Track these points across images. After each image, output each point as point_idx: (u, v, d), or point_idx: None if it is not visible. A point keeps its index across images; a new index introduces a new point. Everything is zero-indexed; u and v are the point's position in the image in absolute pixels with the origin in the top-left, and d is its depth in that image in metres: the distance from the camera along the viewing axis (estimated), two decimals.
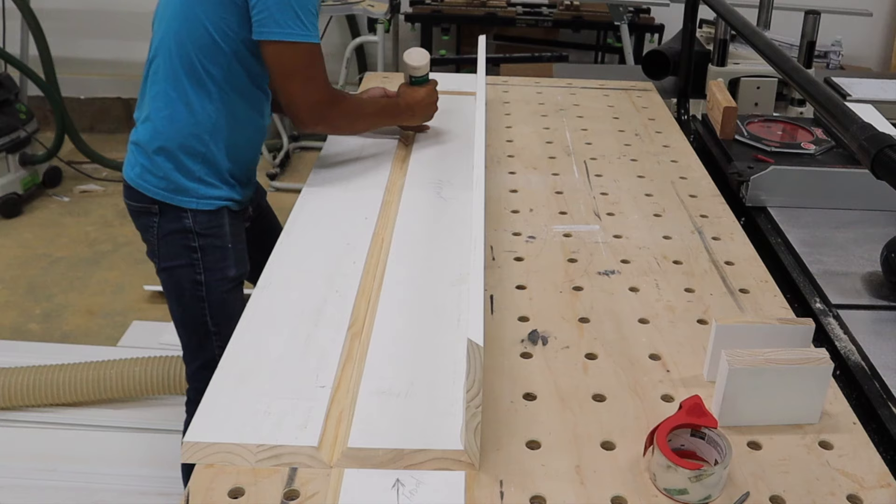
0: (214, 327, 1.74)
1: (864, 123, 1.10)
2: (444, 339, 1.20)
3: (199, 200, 1.67)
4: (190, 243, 1.69)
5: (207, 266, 1.70)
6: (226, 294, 1.74)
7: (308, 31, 1.56)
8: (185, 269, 1.71)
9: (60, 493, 2.22)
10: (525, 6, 4.50)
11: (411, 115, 1.86)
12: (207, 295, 1.71)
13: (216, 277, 1.71)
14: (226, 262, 1.72)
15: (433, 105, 1.90)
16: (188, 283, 1.71)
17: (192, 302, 1.73)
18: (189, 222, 1.67)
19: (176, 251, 1.70)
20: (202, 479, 0.95)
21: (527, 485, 0.95)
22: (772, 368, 1.02)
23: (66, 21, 4.70)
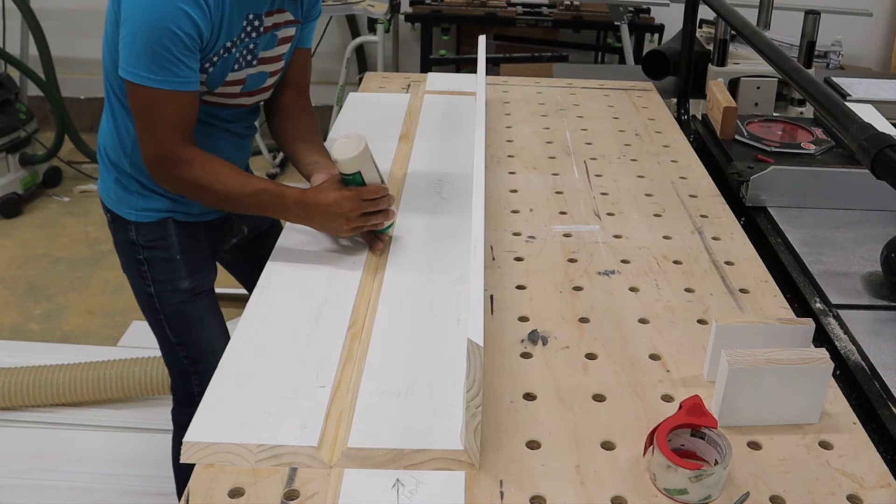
0: (176, 338, 1.70)
1: (864, 123, 1.10)
2: (444, 339, 1.20)
3: (138, 213, 1.61)
4: (136, 255, 1.64)
5: (156, 278, 1.65)
6: (181, 306, 1.67)
7: (151, 76, 1.36)
8: (137, 280, 1.67)
9: (60, 493, 2.22)
10: (525, 6, 4.50)
11: (309, 217, 1.41)
12: (161, 307, 1.67)
13: (166, 289, 1.65)
14: (175, 273, 1.64)
15: (343, 221, 1.38)
16: (142, 294, 1.68)
17: (149, 314, 1.70)
18: (133, 234, 1.62)
19: (127, 262, 1.67)
20: (202, 479, 0.95)
21: (527, 485, 0.95)
22: (772, 368, 1.02)
23: (66, 21, 4.70)
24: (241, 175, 1.46)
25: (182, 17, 1.33)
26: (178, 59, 1.36)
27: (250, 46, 1.50)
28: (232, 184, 1.44)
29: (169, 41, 1.34)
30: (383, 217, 1.42)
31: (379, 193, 1.39)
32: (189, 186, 1.46)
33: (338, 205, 1.37)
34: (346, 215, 1.37)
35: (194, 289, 1.67)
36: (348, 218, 1.38)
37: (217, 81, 1.49)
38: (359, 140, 1.37)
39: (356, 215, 1.38)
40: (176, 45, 1.34)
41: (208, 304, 1.72)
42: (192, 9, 1.34)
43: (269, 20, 1.51)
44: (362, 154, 1.36)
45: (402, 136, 1.95)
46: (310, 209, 1.39)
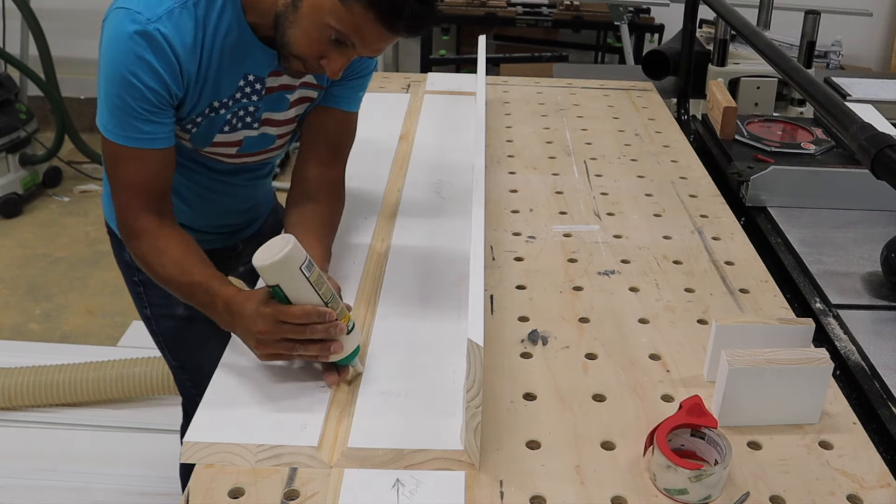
0: (175, 361, 1.67)
1: (864, 123, 1.10)
2: (444, 339, 1.20)
3: None
4: (132, 277, 1.58)
5: (151, 301, 1.58)
6: (179, 330, 1.59)
7: (114, 130, 1.20)
8: (136, 300, 1.62)
9: (60, 493, 2.22)
10: (525, 6, 4.50)
11: (229, 325, 1.17)
12: (158, 330, 1.62)
13: (162, 314, 1.59)
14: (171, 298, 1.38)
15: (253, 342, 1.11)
16: (141, 315, 1.63)
17: (150, 333, 1.65)
18: (128, 256, 1.48)
19: (127, 281, 1.62)
20: (202, 479, 0.95)
21: (527, 485, 0.95)
22: (772, 368, 1.02)
23: (66, 21, 4.69)
24: (186, 262, 1.24)
25: (142, 68, 1.16)
26: (140, 114, 1.19)
27: (250, 109, 1.33)
28: (171, 270, 1.24)
29: (127, 93, 1.17)
30: (318, 349, 1.08)
31: (303, 319, 1.07)
32: (139, 261, 1.30)
33: (251, 321, 1.10)
34: (257, 336, 1.09)
35: (190, 315, 1.48)
36: (259, 340, 1.09)
37: (202, 141, 1.35)
38: (284, 244, 1.05)
39: (271, 339, 1.08)
40: (136, 98, 1.18)
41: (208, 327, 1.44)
42: (155, 59, 1.17)
43: (274, 81, 1.32)
44: (279, 265, 1.04)
45: (402, 136, 1.95)
46: (233, 317, 1.14)
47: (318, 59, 1.20)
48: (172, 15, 1.18)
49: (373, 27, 1.13)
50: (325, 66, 1.20)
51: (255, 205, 1.64)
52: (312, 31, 1.16)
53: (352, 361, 1.11)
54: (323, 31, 1.15)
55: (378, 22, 1.12)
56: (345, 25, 1.13)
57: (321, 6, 1.13)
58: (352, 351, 1.10)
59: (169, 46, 1.18)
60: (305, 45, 1.18)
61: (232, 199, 1.55)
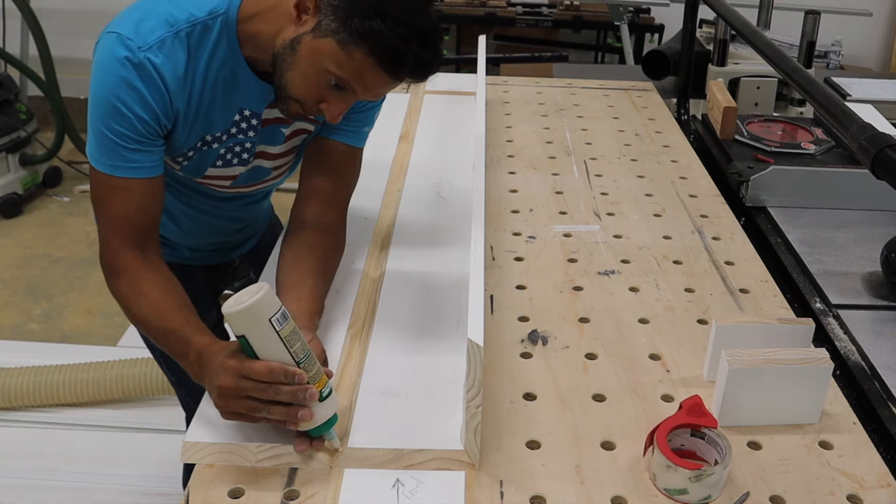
0: (174, 377, 1.65)
1: (864, 123, 1.10)
2: (444, 339, 1.20)
3: None
4: None
5: None
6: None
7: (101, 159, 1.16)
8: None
9: (60, 493, 2.22)
10: (525, 6, 4.50)
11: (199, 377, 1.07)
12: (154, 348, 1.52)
13: None
14: None
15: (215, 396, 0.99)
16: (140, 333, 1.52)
17: (149, 349, 1.62)
18: None
19: None
20: (202, 479, 0.95)
21: (527, 485, 0.95)
22: (772, 368, 1.02)
23: (66, 21, 4.69)
24: (164, 305, 1.15)
25: (130, 95, 1.12)
26: (127, 142, 1.15)
27: (246, 145, 1.29)
28: (147, 313, 1.16)
29: (114, 121, 1.13)
30: (282, 414, 0.96)
31: (267, 377, 0.95)
32: (118, 300, 1.22)
33: (214, 374, 0.99)
34: (218, 391, 0.98)
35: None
36: (220, 395, 0.98)
37: (195, 173, 1.31)
38: (256, 291, 0.94)
39: (233, 396, 0.97)
40: (123, 125, 1.13)
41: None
42: (144, 87, 1.13)
43: (269, 113, 1.28)
44: (248, 311, 0.93)
45: (402, 136, 1.95)
46: (202, 368, 1.04)
47: (316, 102, 1.15)
48: (164, 45, 1.13)
49: (374, 73, 1.09)
50: (325, 111, 1.16)
51: (250, 224, 1.60)
52: (311, 75, 1.11)
53: (325, 432, 0.97)
54: (322, 76, 1.11)
55: (380, 68, 1.07)
56: (345, 71, 1.09)
57: (320, 50, 1.09)
58: (325, 421, 0.97)
59: (159, 77, 1.13)
60: (304, 89, 1.14)
61: (226, 222, 1.51)
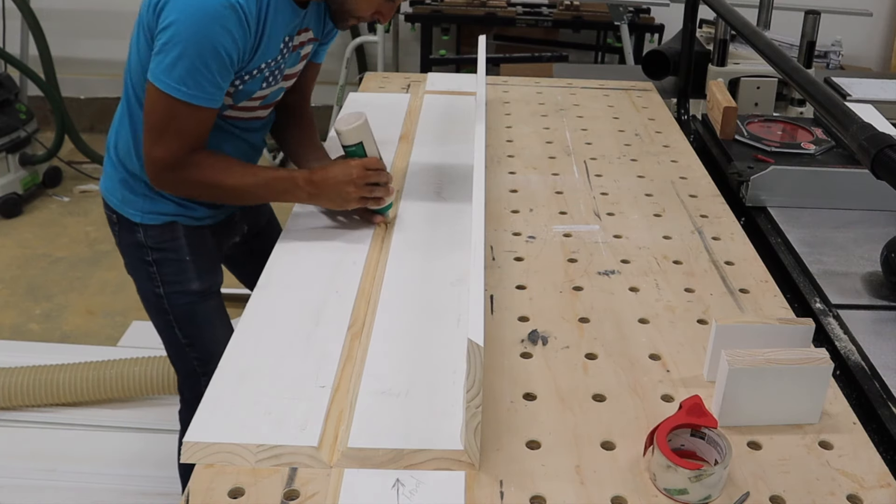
0: (186, 339, 1.70)
1: (864, 123, 1.10)
2: (444, 339, 1.20)
3: (143, 214, 1.61)
4: (145, 257, 1.64)
5: (165, 279, 1.65)
6: (191, 307, 1.67)
7: (182, 88, 1.36)
8: (145, 282, 1.66)
9: (60, 493, 2.22)
10: (525, 6, 4.50)
11: (318, 196, 1.49)
12: (171, 308, 1.67)
13: (175, 290, 1.65)
14: (185, 275, 1.65)
15: (352, 188, 1.45)
16: (151, 294, 1.67)
17: (158, 314, 1.69)
18: (141, 236, 1.62)
19: (134, 263, 1.67)
20: (202, 479, 0.95)
21: (527, 485, 0.95)
22: (772, 368, 1.02)
23: (66, 21, 4.70)
24: (251, 167, 1.52)
25: (228, 39, 1.34)
26: (214, 77, 1.37)
27: (281, 66, 1.53)
28: (244, 178, 1.48)
29: (211, 60, 1.35)
30: (384, 191, 1.48)
31: (380, 165, 1.49)
32: (198, 187, 1.50)
33: (344, 173, 1.45)
34: (354, 181, 1.44)
35: (204, 290, 1.68)
36: (356, 184, 1.44)
37: (242, 98, 1.52)
38: (360, 115, 1.49)
39: (362, 182, 1.45)
40: (216, 64, 1.36)
41: (216, 305, 1.72)
42: (236, 30, 1.35)
43: (297, 39, 1.54)
44: (363, 126, 1.48)
45: (402, 136, 1.95)
46: (319, 185, 1.46)
47: (373, 15, 1.49)
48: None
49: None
50: (380, 18, 1.49)
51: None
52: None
53: (389, 210, 1.52)
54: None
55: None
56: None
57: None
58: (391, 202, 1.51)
59: (245, 17, 1.35)
60: (365, 8, 1.47)
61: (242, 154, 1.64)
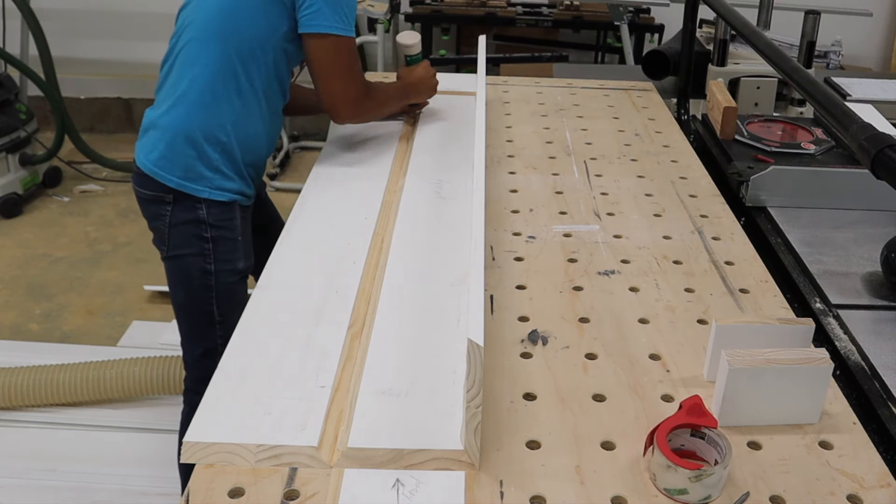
0: (220, 316, 1.77)
1: (864, 123, 1.10)
2: (444, 339, 1.20)
3: (211, 191, 1.70)
4: (203, 234, 1.72)
5: (218, 257, 1.73)
6: (234, 286, 1.78)
7: (350, 28, 1.66)
8: (196, 258, 1.73)
9: (60, 493, 2.22)
10: (525, 6, 4.50)
11: (417, 92, 1.96)
12: (216, 285, 1.75)
13: (226, 269, 1.75)
14: (236, 254, 1.76)
15: (433, 79, 1.99)
16: (197, 271, 1.74)
17: (199, 290, 1.76)
18: (203, 213, 1.70)
19: (187, 240, 1.73)
20: (202, 479, 0.95)
21: (527, 485, 0.95)
22: (772, 368, 1.02)
23: (66, 21, 4.70)
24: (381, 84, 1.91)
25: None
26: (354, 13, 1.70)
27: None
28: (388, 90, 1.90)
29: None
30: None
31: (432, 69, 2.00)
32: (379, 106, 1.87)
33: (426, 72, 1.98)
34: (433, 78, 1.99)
35: (246, 269, 1.79)
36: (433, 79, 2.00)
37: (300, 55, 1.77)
38: (412, 32, 2.06)
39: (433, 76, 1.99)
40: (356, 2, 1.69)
41: (246, 287, 1.81)
42: None
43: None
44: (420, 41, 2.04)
45: (402, 136, 1.95)
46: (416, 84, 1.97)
47: None
48: None
49: None
50: None
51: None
52: None
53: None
54: None
55: None
56: None
57: None
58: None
59: None
60: None
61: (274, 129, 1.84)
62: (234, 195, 1.74)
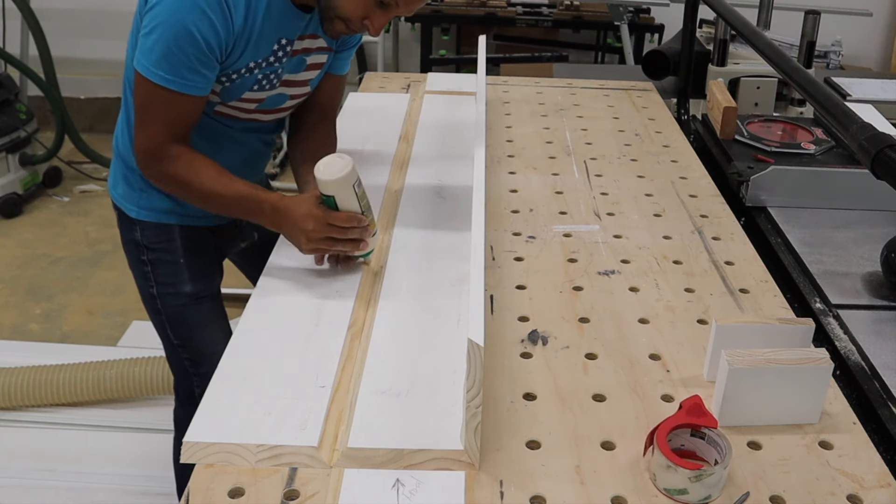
0: (177, 340, 1.70)
1: (864, 123, 1.10)
2: (444, 339, 1.20)
3: (139, 210, 1.60)
4: (140, 256, 1.64)
5: (158, 280, 1.65)
6: (183, 309, 1.66)
7: (160, 73, 1.33)
8: (141, 280, 1.67)
9: (60, 493, 2.22)
10: (525, 6, 4.50)
11: (275, 225, 1.39)
12: (163, 308, 1.66)
13: (168, 292, 1.65)
14: (178, 277, 1.64)
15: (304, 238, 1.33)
16: (145, 294, 1.68)
17: (152, 314, 1.70)
18: (138, 234, 1.62)
19: (133, 261, 1.67)
20: (202, 479, 0.95)
21: (527, 485, 0.95)
22: (772, 368, 1.02)
23: (66, 21, 4.70)
24: (224, 177, 1.41)
25: (204, 22, 1.30)
26: (192, 64, 1.33)
27: (277, 70, 1.46)
28: (213, 184, 1.40)
29: (187, 43, 1.31)
30: (351, 246, 1.34)
31: (348, 223, 1.32)
32: (172, 182, 1.44)
33: (303, 220, 1.33)
34: (308, 234, 1.32)
35: (196, 293, 1.66)
36: (308, 237, 1.33)
37: (232, 96, 1.46)
38: (345, 165, 1.30)
39: (318, 237, 1.32)
40: (193, 49, 1.32)
41: (211, 307, 1.71)
42: (216, 17, 1.31)
43: (299, 44, 1.47)
44: (340, 180, 1.29)
45: (402, 136, 1.95)
46: (280, 216, 1.36)
47: (361, 20, 1.36)
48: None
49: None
50: (369, 26, 1.37)
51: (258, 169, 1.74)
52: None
53: (367, 257, 1.39)
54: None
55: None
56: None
57: None
58: (370, 250, 1.38)
59: (227, 6, 1.32)
60: (352, 9, 1.35)
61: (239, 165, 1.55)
62: (165, 214, 1.59)
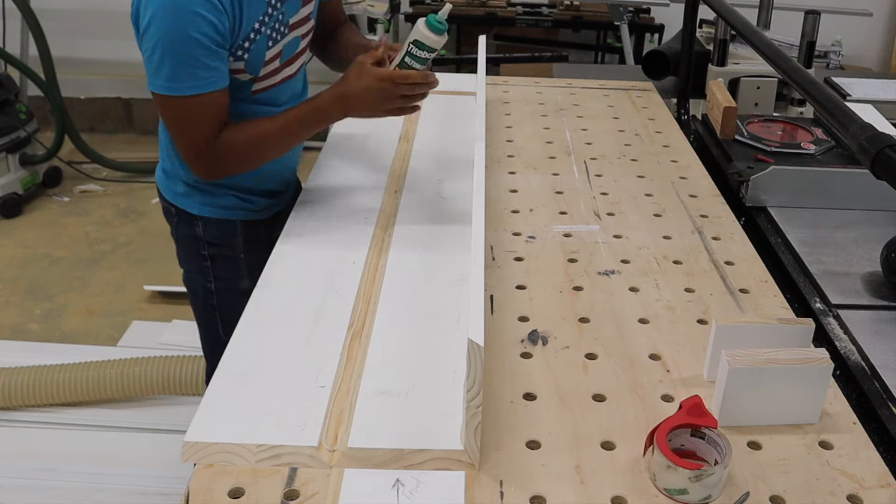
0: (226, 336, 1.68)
1: (864, 123, 1.10)
2: (444, 339, 1.20)
3: (201, 207, 1.63)
4: (200, 251, 1.66)
5: (217, 275, 1.67)
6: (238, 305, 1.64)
7: (178, 85, 1.37)
8: (198, 275, 1.69)
9: (60, 493, 2.22)
10: (525, 6, 4.50)
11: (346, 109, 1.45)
12: (218, 304, 1.69)
13: (226, 287, 1.68)
14: (237, 273, 1.67)
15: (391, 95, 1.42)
16: (200, 289, 1.70)
17: (204, 308, 1.72)
18: (200, 230, 1.64)
19: (189, 256, 1.69)
20: (202, 479, 0.95)
21: (527, 485, 0.95)
22: (772, 368, 1.02)
23: (66, 21, 4.69)
24: (271, 120, 1.48)
25: (200, 22, 1.33)
26: (203, 62, 1.36)
27: (280, 17, 1.50)
28: (274, 122, 1.47)
29: (192, 48, 1.34)
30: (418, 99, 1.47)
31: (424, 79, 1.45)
32: (242, 158, 1.49)
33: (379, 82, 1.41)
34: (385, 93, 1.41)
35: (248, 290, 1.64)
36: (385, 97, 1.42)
37: (258, 64, 1.49)
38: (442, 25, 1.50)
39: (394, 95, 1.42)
40: (199, 50, 1.35)
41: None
42: (207, 11, 1.34)
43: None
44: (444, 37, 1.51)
45: (402, 136, 1.95)
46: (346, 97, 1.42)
47: None
48: None
49: None
50: None
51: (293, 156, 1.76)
52: None
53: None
54: None
55: None
56: None
57: None
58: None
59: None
60: None
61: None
62: (229, 211, 1.64)
